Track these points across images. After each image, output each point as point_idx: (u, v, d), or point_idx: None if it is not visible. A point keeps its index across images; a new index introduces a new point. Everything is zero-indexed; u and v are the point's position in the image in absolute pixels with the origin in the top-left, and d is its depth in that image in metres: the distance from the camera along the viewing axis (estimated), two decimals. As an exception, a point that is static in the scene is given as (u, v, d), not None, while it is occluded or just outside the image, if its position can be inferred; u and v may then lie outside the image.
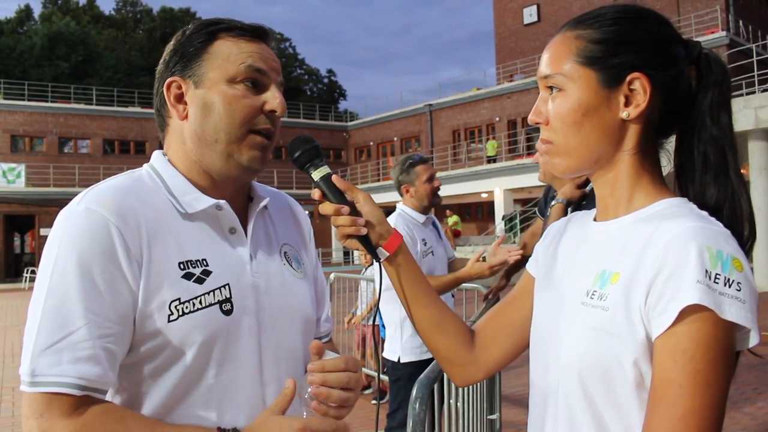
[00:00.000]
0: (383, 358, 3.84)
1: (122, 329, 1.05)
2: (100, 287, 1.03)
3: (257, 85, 1.18)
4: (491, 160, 28.64)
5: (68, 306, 1.01)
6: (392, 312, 3.63)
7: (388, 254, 1.24)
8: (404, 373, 3.58)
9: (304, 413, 1.13)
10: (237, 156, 1.16)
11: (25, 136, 31.20)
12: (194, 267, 1.12)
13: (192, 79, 1.18)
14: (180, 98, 1.19)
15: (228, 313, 1.13)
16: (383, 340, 6.25)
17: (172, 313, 1.07)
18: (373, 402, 6.12)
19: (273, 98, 1.18)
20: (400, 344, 3.61)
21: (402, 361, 3.60)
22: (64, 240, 1.04)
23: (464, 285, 4.40)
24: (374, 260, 1.25)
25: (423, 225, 3.76)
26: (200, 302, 1.10)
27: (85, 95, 36.45)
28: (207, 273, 1.13)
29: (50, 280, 1.03)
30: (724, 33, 23.79)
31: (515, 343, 1.27)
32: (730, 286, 0.88)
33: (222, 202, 1.18)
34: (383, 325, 5.09)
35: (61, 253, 1.04)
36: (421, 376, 2.27)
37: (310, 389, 1.12)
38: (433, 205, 3.80)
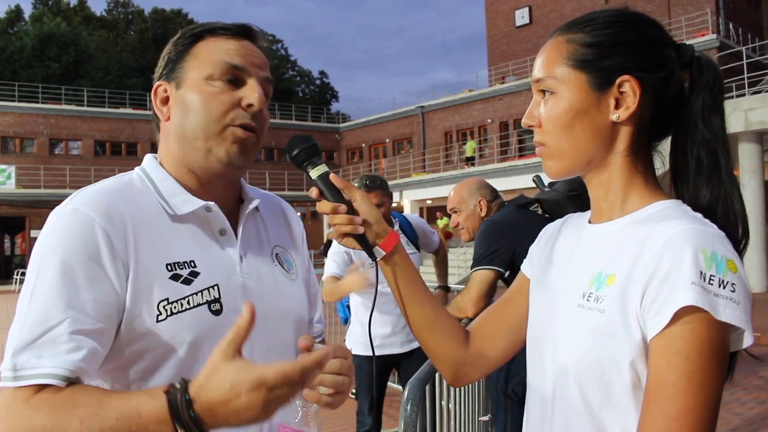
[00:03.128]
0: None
1: (104, 327, 1.04)
2: (82, 285, 1.03)
3: (236, 81, 1.19)
4: (470, 160, 28.64)
5: (49, 303, 1.01)
6: (355, 306, 3.94)
7: (384, 253, 1.24)
8: (355, 365, 3.71)
9: (298, 405, 1.13)
10: (216, 151, 1.17)
11: (15, 137, 31.02)
12: (181, 268, 1.12)
13: (175, 81, 1.21)
14: (166, 101, 1.22)
15: (217, 313, 1.13)
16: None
17: (161, 313, 1.08)
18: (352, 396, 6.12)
19: (251, 92, 1.18)
20: (353, 338, 3.93)
21: (354, 352, 3.76)
22: (50, 239, 1.06)
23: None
24: (371, 259, 1.26)
25: None
26: (188, 302, 1.11)
27: (76, 96, 36.26)
28: (194, 274, 1.13)
29: (35, 279, 1.04)
30: (714, 36, 23.92)
31: (510, 343, 1.27)
32: (724, 288, 0.89)
33: (211, 203, 1.18)
34: (345, 319, 5.17)
35: (47, 252, 1.05)
36: (413, 377, 2.28)
37: None
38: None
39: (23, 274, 23.72)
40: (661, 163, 1.12)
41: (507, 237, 2.91)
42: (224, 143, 1.17)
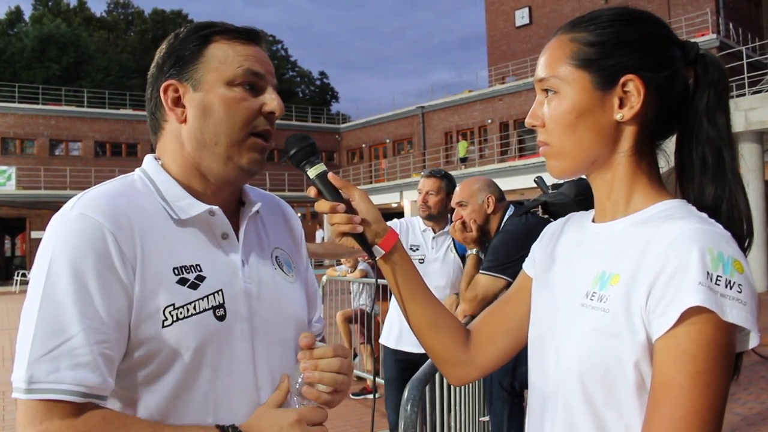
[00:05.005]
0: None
1: (118, 335, 1.04)
2: (95, 292, 1.02)
3: (254, 88, 1.18)
4: (463, 160, 28.67)
5: (64, 312, 1.00)
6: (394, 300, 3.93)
7: (383, 252, 1.24)
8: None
9: (296, 402, 1.14)
10: (237, 159, 1.16)
11: (15, 138, 31.02)
12: (188, 272, 1.12)
13: (189, 83, 1.18)
14: (177, 101, 1.19)
15: (221, 318, 1.13)
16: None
17: (167, 319, 1.07)
18: (352, 396, 6.12)
19: (271, 100, 1.19)
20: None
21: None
22: (57, 246, 1.04)
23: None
24: (370, 258, 1.26)
25: (424, 232, 3.90)
26: (194, 308, 1.10)
27: (76, 97, 36.25)
28: (201, 278, 1.13)
29: (45, 287, 1.02)
30: (714, 36, 23.92)
31: (511, 342, 1.27)
32: (731, 288, 0.88)
33: (215, 207, 1.17)
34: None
35: (55, 258, 1.03)
36: (413, 377, 2.28)
37: (300, 378, 1.13)
38: (426, 218, 3.88)
39: (23, 275, 23.75)
40: (666, 162, 1.11)
41: (527, 247, 2.88)
42: (246, 151, 1.17)
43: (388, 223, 1.32)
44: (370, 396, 6.41)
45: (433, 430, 3.03)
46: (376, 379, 5.07)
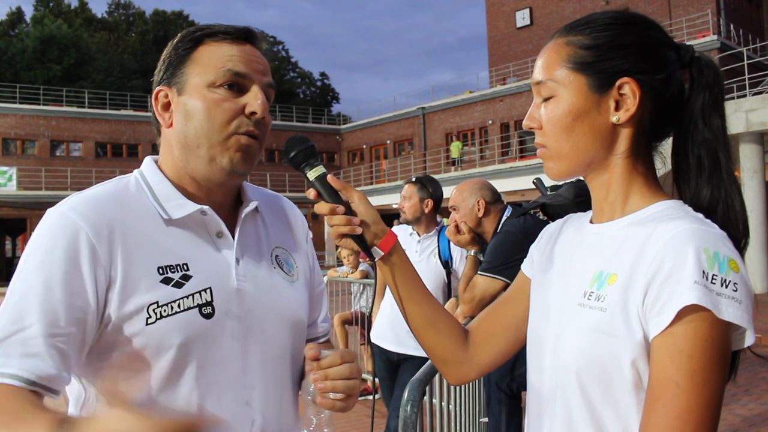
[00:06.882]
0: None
1: (76, 331, 1.05)
2: (58, 288, 1.04)
3: (239, 88, 1.18)
4: (456, 162, 28.70)
5: (26, 303, 1.03)
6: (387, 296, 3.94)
7: (382, 253, 1.25)
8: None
9: (311, 414, 1.15)
10: (219, 159, 1.16)
11: (16, 139, 31.02)
12: (173, 272, 1.13)
13: (176, 87, 1.19)
14: (167, 107, 1.21)
15: (208, 316, 1.13)
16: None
17: (150, 316, 1.08)
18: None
19: (254, 100, 1.17)
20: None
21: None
22: (35, 241, 1.08)
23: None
24: (369, 259, 1.26)
25: (410, 236, 4.00)
26: (179, 306, 1.11)
27: (77, 98, 36.26)
28: (187, 277, 1.13)
29: (18, 278, 1.06)
30: (715, 37, 23.92)
31: (509, 342, 1.28)
32: (726, 287, 0.89)
33: (206, 207, 1.18)
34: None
35: (30, 252, 1.07)
36: (413, 378, 2.29)
37: (311, 388, 1.14)
38: (405, 223, 4.02)
39: (24, 275, 23.64)
40: (662, 164, 1.13)
41: (525, 248, 2.88)
42: (228, 152, 1.16)
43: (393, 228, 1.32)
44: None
45: (433, 430, 3.03)
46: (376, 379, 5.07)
